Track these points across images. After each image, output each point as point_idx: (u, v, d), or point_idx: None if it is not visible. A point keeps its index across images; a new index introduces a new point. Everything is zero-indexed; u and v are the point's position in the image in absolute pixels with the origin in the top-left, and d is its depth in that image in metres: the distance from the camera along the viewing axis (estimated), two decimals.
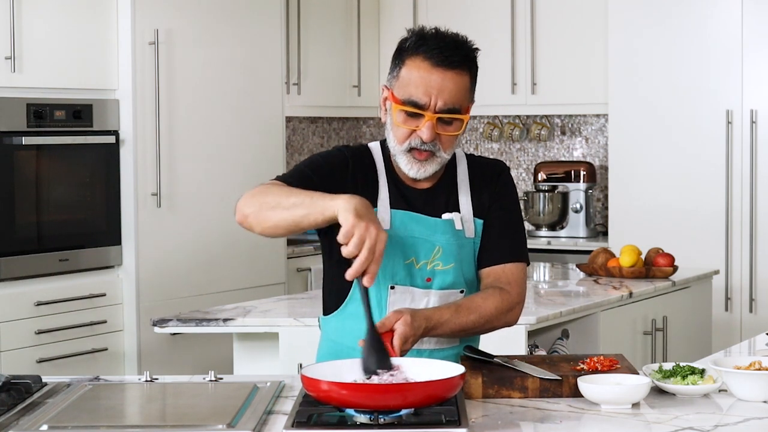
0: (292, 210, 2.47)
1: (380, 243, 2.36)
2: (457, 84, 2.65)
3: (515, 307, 2.75)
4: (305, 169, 2.69)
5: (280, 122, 6.18)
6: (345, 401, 2.25)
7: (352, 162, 2.73)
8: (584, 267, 5.00)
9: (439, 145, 2.67)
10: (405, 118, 2.67)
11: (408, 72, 2.66)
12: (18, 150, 5.01)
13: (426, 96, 2.63)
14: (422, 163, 2.69)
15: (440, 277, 2.73)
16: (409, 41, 2.68)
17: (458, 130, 2.68)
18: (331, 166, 2.71)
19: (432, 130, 2.64)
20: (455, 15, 6.90)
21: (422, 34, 2.68)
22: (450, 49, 2.65)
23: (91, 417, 2.42)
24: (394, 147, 2.70)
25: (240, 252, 5.88)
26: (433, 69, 2.63)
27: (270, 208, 2.50)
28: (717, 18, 6.09)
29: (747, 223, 6.07)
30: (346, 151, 2.76)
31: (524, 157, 7.23)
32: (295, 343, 3.95)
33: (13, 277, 5.03)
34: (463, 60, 2.66)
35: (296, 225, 2.48)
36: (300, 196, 2.48)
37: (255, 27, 6.01)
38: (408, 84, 2.65)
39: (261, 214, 2.52)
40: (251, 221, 2.54)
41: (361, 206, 2.39)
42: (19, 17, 5.01)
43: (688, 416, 2.40)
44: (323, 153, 2.76)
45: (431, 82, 2.63)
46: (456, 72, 2.64)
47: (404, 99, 2.65)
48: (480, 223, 2.78)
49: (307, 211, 2.45)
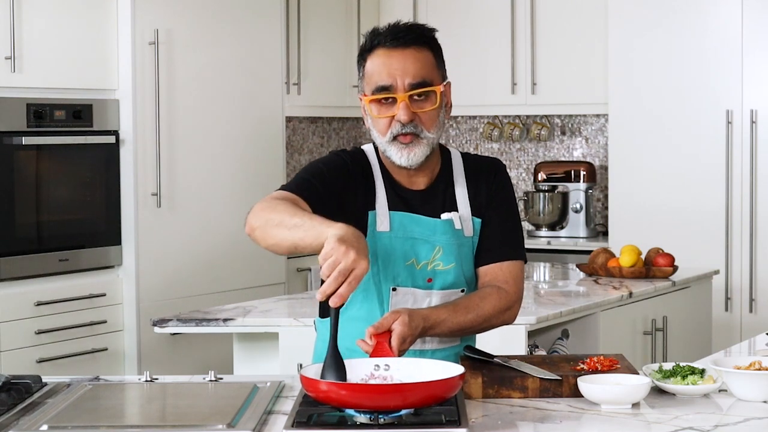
0: (292, 231, 2.46)
1: (358, 269, 2.32)
2: (418, 59, 2.67)
3: (513, 306, 2.76)
4: (309, 178, 2.67)
5: (280, 122, 6.18)
6: (344, 401, 2.25)
7: (351, 165, 2.74)
8: (584, 267, 5.00)
9: (420, 126, 2.68)
10: (380, 108, 2.68)
11: (370, 65, 2.69)
12: (18, 150, 5.01)
13: (391, 78, 2.65)
14: (409, 147, 2.68)
15: (441, 277, 2.73)
16: (365, 42, 2.72)
17: (434, 104, 2.68)
18: (333, 171, 2.71)
19: (407, 110, 2.65)
20: (455, 15, 6.90)
21: (376, 31, 2.72)
22: (402, 31, 2.69)
23: (91, 417, 2.42)
24: (380, 142, 2.71)
25: (240, 252, 5.88)
26: (390, 52, 2.67)
27: (274, 225, 2.49)
28: (717, 18, 6.09)
29: (747, 223, 6.07)
30: (344, 155, 2.76)
31: (524, 157, 7.23)
32: (295, 343, 3.95)
33: (13, 277, 5.03)
34: (417, 37, 2.69)
35: (295, 246, 2.47)
36: (303, 217, 2.46)
37: (255, 27, 6.01)
38: (372, 75, 2.68)
39: (266, 231, 2.51)
40: (257, 235, 2.53)
41: (351, 235, 2.36)
42: (19, 17, 5.01)
43: (688, 416, 2.40)
44: (323, 159, 2.76)
45: (392, 64, 2.66)
46: (414, 49, 2.67)
47: (372, 90, 2.67)
48: (478, 221, 2.78)
49: (304, 234, 2.43)
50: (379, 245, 2.68)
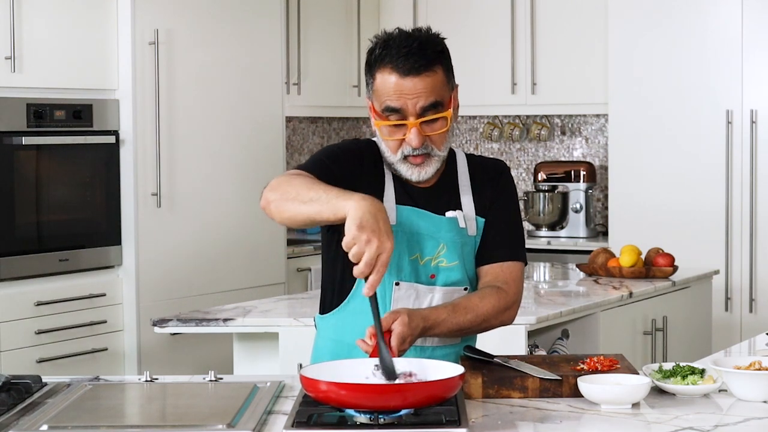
0: (309, 204, 2.45)
1: (384, 254, 2.33)
2: (431, 84, 2.63)
3: (512, 306, 2.76)
4: (325, 160, 2.68)
5: (280, 122, 6.18)
6: (344, 402, 2.25)
7: (366, 155, 2.74)
8: (584, 267, 5.00)
9: (431, 146, 2.67)
10: (390, 130, 2.67)
11: (381, 84, 2.65)
12: (18, 150, 5.01)
13: (403, 104, 2.62)
14: (421, 166, 2.69)
15: (444, 273, 2.74)
16: (374, 52, 2.67)
17: (445, 126, 2.67)
18: (348, 156, 2.71)
19: (419, 135, 2.64)
20: (455, 15, 6.90)
21: (386, 42, 2.65)
22: (415, 54, 2.62)
23: (91, 417, 2.42)
24: (389, 156, 2.71)
25: (240, 252, 5.88)
26: (403, 78, 2.61)
27: (290, 198, 2.49)
28: (717, 18, 6.09)
29: (747, 223, 6.07)
30: (360, 143, 2.78)
31: (524, 157, 7.23)
32: (295, 343, 3.95)
33: (13, 277, 5.03)
34: (431, 60, 2.64)
35: (311, 220, 2.47)
36: (318, 191, 2.46)
37: (255, 27, 6.01)
38: (382, 96, 2.65)
39: (281, 204, 2.50)
40: (272, 209, 2.53)
41: (369, 215, 2.35)
42: (19, 17, 5.01)
43: (688, 416, 2.40)
44: (339, 144, 2.76)
45: (404, 90, 2.62)
46: (426, 75, 2.63)
47: (383, 108, 2.65)
48: (482, 221, 2.78)
49: (321, 207, 2.43)
50: None
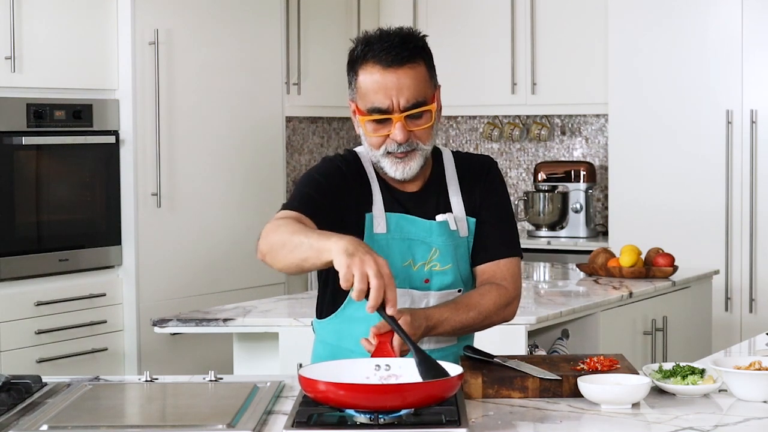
0: (294, 252, 2.44)
1: (384, 267, 2.33)
2: (414, 78, 2.64)
3: (512, 302, 2.76)
4: (308, 191, 2.65)
5: (280, 122, 6.18)
6: (343, 402, 2.25)
7: (346, 169, 2.72)
8: (584, 267, 5.00)
9: (416, 141, 2.67)
10: (374, 127, 2.67)
11: (363, 81, 2.67)
12: (18, 150, 5.01)
13: (387, 99, 2.63)
14: (405, 161, 2.67)
15: (438, 277, 2.74)
16: (356, 50, 2.70)
17: (429, 121, 2.67)
18: (329, 179, 2.69)
19: (403, 130, 2.64)
20: (455, 15, 6.90)
21: (367, 40, 2.69)
22: (396, 47, 2.64)
23: (91, 417, 2.42)
24: (373, 154, 2.70)
25: (240, 252, 5.88)
26: (385, 71, 2.63)
27: (279, 248, 2.47)
28: (717, 18, 6.09)
29: (747, 223, 6.07)
30: (337, 160, 2.75)
31: (524, 157, 7.23)
32: (294, 343, 3.95)
33: (13, 277, 5.03)
34: (412, 54, 2.65)
35: (300, 268, 2.46)
36: (300, 236, 2.44)
37: (255, 27, 6.01)
38: (366, 93, 2.65)
39: (274, 256, 2.49)
40: (268, 261, 2.52)
41: (351, 242, 2.35)
42: (19, 17, 5.01)
43: (688, 416, 2.40)
44: (317, 168, 2.73)
45: (387, 84, 2.62)
46: (409, 67, 2.63)
47: (368, 109, 2.65)
48: (473, 221, 2.78)
49: (306, 254, 2.42)
50: (377, 247, 2.67)
